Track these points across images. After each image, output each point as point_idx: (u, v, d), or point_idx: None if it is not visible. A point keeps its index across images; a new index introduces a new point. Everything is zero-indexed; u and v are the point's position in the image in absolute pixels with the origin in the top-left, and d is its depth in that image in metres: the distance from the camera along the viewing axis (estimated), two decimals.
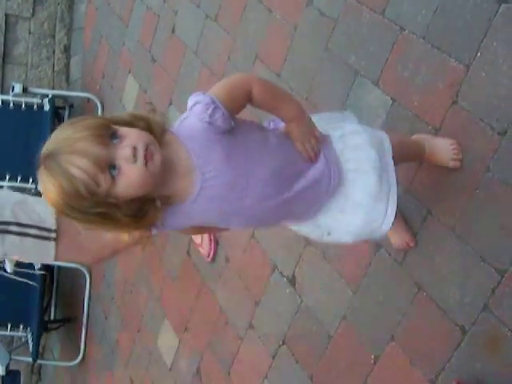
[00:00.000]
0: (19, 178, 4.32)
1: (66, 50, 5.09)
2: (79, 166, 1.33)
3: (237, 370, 2.96)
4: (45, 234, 2.77)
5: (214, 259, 3.18)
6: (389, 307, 2.20)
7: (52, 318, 4.87)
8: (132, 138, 1.39)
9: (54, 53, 5.06)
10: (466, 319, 1.94)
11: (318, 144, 1.67)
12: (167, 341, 3.52)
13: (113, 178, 1.37)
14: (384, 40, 2.30)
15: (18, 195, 2.98)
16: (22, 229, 2.73)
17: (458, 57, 2.02)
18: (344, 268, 2.40)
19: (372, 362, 2.25)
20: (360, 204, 1.71)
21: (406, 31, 2.21)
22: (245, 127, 1.60)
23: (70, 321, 4.74)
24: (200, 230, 1.77)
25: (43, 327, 4.54)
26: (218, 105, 1.49)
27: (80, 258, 3.00)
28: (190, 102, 1.52)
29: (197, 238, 3.24)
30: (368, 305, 2.29)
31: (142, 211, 1.46)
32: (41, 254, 2.81)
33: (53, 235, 2.79)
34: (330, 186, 1.68)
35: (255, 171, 1.56)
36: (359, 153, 1.72)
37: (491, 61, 1.93)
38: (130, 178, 1.38)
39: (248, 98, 1.57)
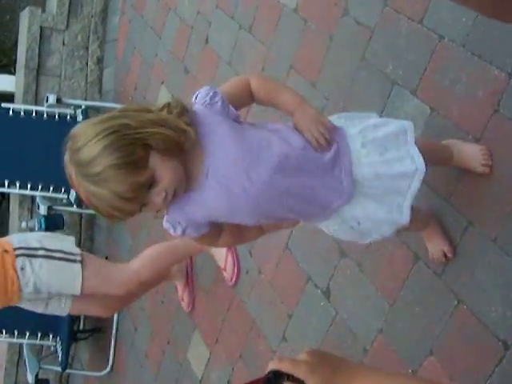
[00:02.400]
0: (51, 188, 4.34)
1: (99, 61, 5.12)
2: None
3: None
4: (70, 257, 2.89)
5: (236, 283, 3.20)
6: (427, 320, 2.16)
7: (81, 327, 4.86)
8: (165, 182, 1.49)
9: (87, 64, 5.10)
10: (509, 334, 1.89)
11: (328, 130, 1.65)
12: (198, 353, 3.49)
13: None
14: (422, 49, 2.27)
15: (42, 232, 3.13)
16: (49, 253, 2.86)
17: (499, 65, 1.99)
18: (381, 280, 2.36)
19: None
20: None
21: (446, 39, 2.18)
22: (249, 125, 1.67)
23: (99, 331, 4.73)
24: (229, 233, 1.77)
25: (72, 337, 4.54)
26: (217, 91, 1.60)
27: (107, 287, 3.03)
28: (193, 96, 1.63)
29: (220, 261, 3.28)
30: (405, 318, 2.25)
31: None
32: (67, 277, 2.89)
33: (78, 258, 2.91)
34: (342, 175, 1.68)
35: (260, 157, 1.60)
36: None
37: None
38: (153, 207, 1.55)
39: (249, 93, 1.67)
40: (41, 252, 2.83)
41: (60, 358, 4.44)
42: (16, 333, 4.36)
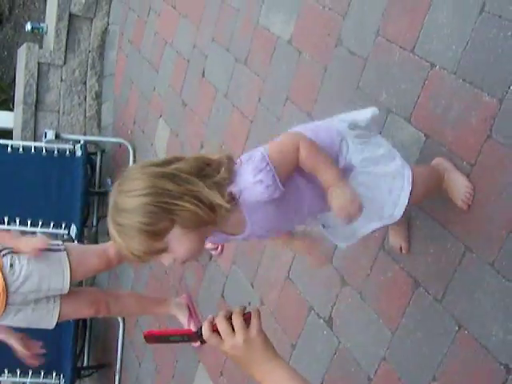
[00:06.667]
0: (52, 224, 4.34)
1: (98, 96, 5.17)
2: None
3: None
4: (54, 247, 3.08)
5: (222, 252, 3.39)
6: (429, 347, 2.15)
7: (85, 364, 4.84)
8: (176, 254, 1.59)
9: (85, 99, 5.15)
10: (510, 358, 1.89)
11: (357, 213, 1.71)
12: None
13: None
14: (415, 77, 2.29)
15: None
16: None
17: (490, 91, 2.01)
18: (382, 308, 2.37)
19: None
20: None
21: (437, 67, 2.21)
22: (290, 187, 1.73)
23: (103, 367, 4.71)
24: None
25: (76, 374, 4.51)
26: (270, 169, 1.63)
27: (90, 261, 3.21)
28: (253, 174, 1.63)
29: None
30: (408, 345, 2.25)
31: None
32: (54, 261, 3.04)
33: (62, 247, 3.10)
34: None
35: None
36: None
37: None
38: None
39: (297, 164, 1.72)
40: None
41: None
42: (18, 372, 4.30)
